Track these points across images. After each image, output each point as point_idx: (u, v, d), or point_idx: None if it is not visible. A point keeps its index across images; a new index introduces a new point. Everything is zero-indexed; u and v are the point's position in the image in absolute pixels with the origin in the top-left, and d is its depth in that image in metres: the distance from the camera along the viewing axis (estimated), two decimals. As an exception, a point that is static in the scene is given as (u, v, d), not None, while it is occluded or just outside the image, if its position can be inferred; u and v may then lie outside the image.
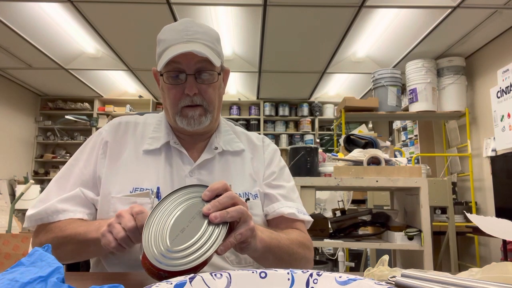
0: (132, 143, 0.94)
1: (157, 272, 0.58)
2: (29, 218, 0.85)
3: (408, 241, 1.86)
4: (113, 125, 0.97)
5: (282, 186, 0.98)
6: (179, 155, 0.93)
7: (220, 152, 0.96)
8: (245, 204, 0.68)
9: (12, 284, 0.42)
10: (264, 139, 1.06)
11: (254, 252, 0.74)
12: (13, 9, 3.30)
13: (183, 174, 0.90)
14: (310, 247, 0.93)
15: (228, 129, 1.03)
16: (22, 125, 5.76)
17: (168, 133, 0.95)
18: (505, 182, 2.85)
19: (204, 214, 0.63)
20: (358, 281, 0.46)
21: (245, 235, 0.66)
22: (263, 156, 1.02)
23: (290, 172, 1.06)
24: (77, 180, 0.90)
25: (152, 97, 6.14)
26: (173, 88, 0.89)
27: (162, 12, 3.32)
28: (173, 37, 0.88)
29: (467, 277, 0.50)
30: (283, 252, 0.81)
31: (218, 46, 0.93)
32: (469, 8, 3.18)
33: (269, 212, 0.94)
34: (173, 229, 0.61)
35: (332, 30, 3.70)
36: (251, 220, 0.68)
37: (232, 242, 0.64)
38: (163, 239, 0.60)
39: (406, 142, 5.44)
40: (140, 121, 0.99)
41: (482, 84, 3.98)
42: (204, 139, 0.98)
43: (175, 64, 0.87)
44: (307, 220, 0.97)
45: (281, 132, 6.31)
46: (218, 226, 0.62)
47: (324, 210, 3.10)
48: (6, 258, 2.08)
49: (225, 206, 0.64)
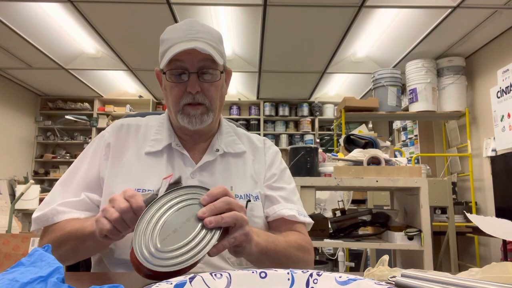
0: (134, 145, 0.94)
1: (143, 270, 0.58)
2: (34, 220, 0.86)
3: (408, 241, 1.86)
4: (115, 127, 0.98)
5: (283, 188, 0.98)
6: (181, 156, 0.93)
7: (221, 154, 0.96)
8: (243, 209, 0.68)
9: (12, 284, 0.42)
10: (266, 141, 1.06)
11: (249, 256, 0.74)
12: (13, 9, 3.30)
13: (184, 176, 0.90)
14: (309, 249, 0.92)
15: (229, 130, 1.03)
16: (22, 125, 5.76)
17: (170, 135, 0.95)
18: (505, 182, 2.85)
19: (199, 217, 0.63)
20: (358, 281, 0.46)
21: (239, 240, 0.66)
22: (264, 158, 1.02)
23: (291, 174, 1.06)
24: (81, 182, 0.90)
25: (152, 97, 6.14)
26: (175, 86, 0.89)
27: (162, 12, 3.32)
28: (176, 36, 0.88)
29: (467, 277, 0.50)
30: (280, 255, 0.81)
31: (221, 46, 0.93)
32: (469, 8, 3.18)
33: (270, 214, 0.94)
34: (165, 229, 0.61)
35: (332, 30, 3.70)
36: (247, 225, 0.68)
37: (225, 245, 0.65)
38: (153, 238, 0.59)
39: (406, 142, 5.44)
40: (142, 123, 0.99)
41: (482, 84, 3.98)
42: (205, 140, 0.98)
43: (178, 62, 0.87)
44: (308, 222, 0.97)
45: (281, 132, 6.31)
46: (211, 230, 0.62)
47: (324, 210, 3.10)
48: (6, 258, 2.08)
49: (220, 211, 0.64)
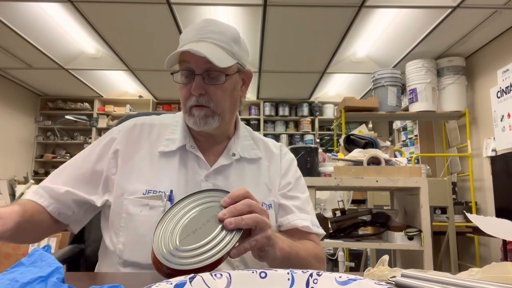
0: (147, 145, 0.92)
1: (162, 269, 0.59)
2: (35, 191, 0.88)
3: (408, 241, 1.86)
4: (127, 127, 0.95)
5: (297, 198, 0.97)
6: (196, 159, 0.91)
7: (237, 158, 0.94)
8: (266, 212, 0.68)
9: (12, 284, 0.42)
10: (282, 147, 1.05)
11: (273, 261, 0.73)
12: (13, 9, 3.30)
13: (198, 178, 0.89)
14: (324, 259, 0.92)
15: (246, 134, 1.01)
16: (22, 125, 5.76)
17: (185, 136, 0.93)
18: (505, 182, 2.85)
19: (220, 219, 0.63)
20: (358, 281, 0.46)
21: (261, 242, 0.66)
22: (280, 165, 1.00)
23: (305, 183, 1.04)
24: (73, 175, 0.89)
25: (152, 97, 6.14)
26: (183, 87, 0.89)
27: (162, 12, 3.32)
28: (188, 36, 0.88)
29: (467, 277, 0.50)
30: (301, 263, 0.80)
31: (234, 46, 0.89)
32: (469, 8, 3.18)
33: (284, 223, 0.93)
34: (185, 229, 0.62)
35: (332, 30, 3.70)
36: (269, 229, 0.67)
37: (246, 247, 0.64)
38: (173, 237, 0.61)
39: (406, 142, 5.44)
40: (156, 122, 0.97)
41: (482, 84, 3.98)
42: (220, 142, 0.96)
43: (185, 63, 0.86)
44: (321, 233, 0.96)
45: (281, 132, 6.31)
46: (232, 232, 0.62)
47: (324, 210, 3.10)
48: (6, 258, 2.08)
49: (241, 212, 0.64)
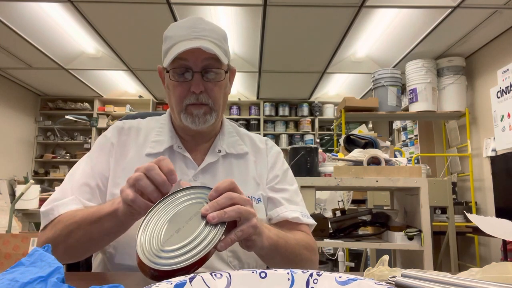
0: (135, 148, 0.93)
1: (149, 271, 0.58)
2: (44, 214, 0.83)
3: (408, 241, 1.86)
4: (116, 128, 0.96)
5: (286, 190, 0.97)
6: (183, 159, 0.92)
7: (223, 155, 0.95)
8: (248, 202, 0.66)
9: (12, 284, 0.42)
10: (267, 141, 1.05)
11: (261, 250, 0.73)
12: (13, 9, 3.30)
13: (186, 178, 0.89)
14: (315, 249, 0.92)
15: (231, 130, 1.02)
16: (22, 125, 5.76)
17: (172, 137, 0.94)
18: (505, 182, 2.85)
19: (202, 214, 0.62)
20: (358, 281, 0.46)
21: (247, 232, 0.65)
22: (267, 159, 1.01)
23: (293, 175, 1.05)
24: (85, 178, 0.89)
25: (152, 97, 6.14)
26: (179, 85, 0.87)
27: (162, 12, 3.32)
28: (181, 33, 0.87)
29: (467, 277, 0.50)
30: (290, 252, 0.80)
31: (225, 44, 0.91)
32: (469, 8, 3.18)
33: (273, 216, 0.93)
34: (168, 229, 0.61)
35: (332, 30, 3.70)
36: (254, 218, 0.66)
37: (232, 238, 0.63)
38: (157, 239, 0.60)
39: (406, 142, 5.45)
40: (142, 126, 0.98)
41: (482, 84, 3.98)
42: (207, 140, 0.97)
43: (181, 61, 0.85)
44: (311, 224, 0.96)
45: (281, 132, 6.31)
46: (216, 226, 0.61)
47: (324, 210, 3.10)
48: (6, 258, 2.08)
49: (223, 206, 0.63)
